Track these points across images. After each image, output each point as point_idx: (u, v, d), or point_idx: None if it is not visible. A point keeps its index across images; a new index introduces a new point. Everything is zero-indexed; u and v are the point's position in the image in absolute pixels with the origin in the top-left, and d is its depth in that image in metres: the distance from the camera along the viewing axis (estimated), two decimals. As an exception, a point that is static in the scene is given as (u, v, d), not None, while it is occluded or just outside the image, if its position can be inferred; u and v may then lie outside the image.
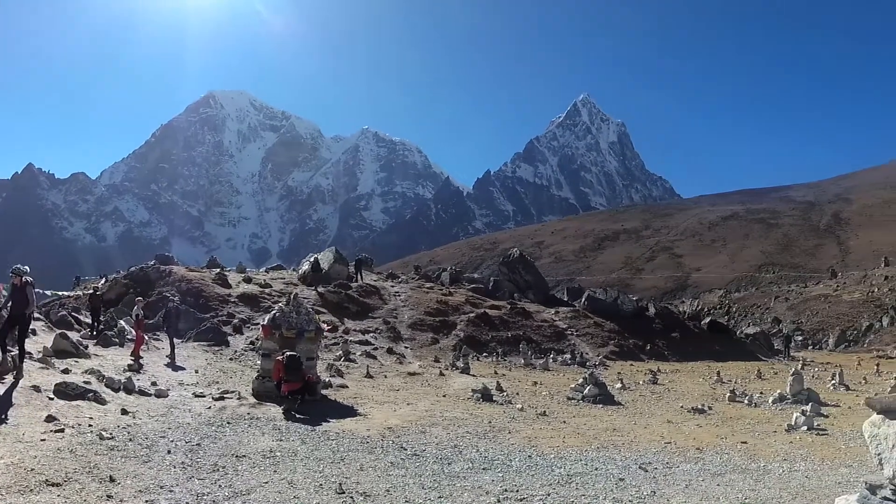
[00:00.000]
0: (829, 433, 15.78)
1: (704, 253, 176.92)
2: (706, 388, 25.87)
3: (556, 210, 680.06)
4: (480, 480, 10.19)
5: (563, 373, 29.23)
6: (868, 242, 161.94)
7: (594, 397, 19.76)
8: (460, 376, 24.83)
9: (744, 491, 10.13)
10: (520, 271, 51.87)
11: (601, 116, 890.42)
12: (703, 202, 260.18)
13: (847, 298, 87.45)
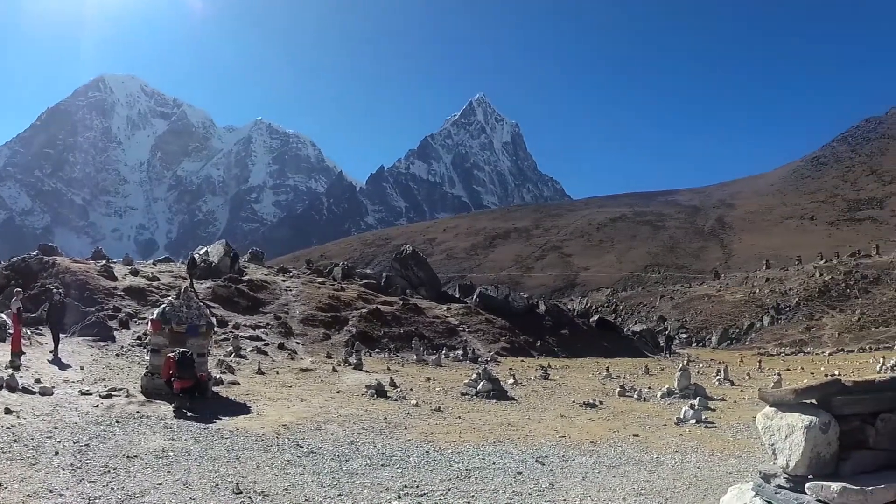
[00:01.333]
0: (717, 426, 16.38)
1: (593, 253, 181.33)
2: (596, 383, 26.49)
3: (449, 207, 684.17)
4: (380, 477, 10.13)
5: (456, 369, 29.43)
6: (750, 246, 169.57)
7: (488, 393, 19.96)
8: (353, 372, 24.66)
9: (639, 482, 10.39)
10: (412, 267, 51.90)
11: (496, 116, 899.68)
12: (592, 204, 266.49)
13: (729, 298, 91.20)
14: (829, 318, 78.53)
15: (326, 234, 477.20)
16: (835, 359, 49.60)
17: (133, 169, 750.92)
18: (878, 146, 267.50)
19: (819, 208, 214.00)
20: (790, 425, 6.08)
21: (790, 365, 42.13)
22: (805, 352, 60.99)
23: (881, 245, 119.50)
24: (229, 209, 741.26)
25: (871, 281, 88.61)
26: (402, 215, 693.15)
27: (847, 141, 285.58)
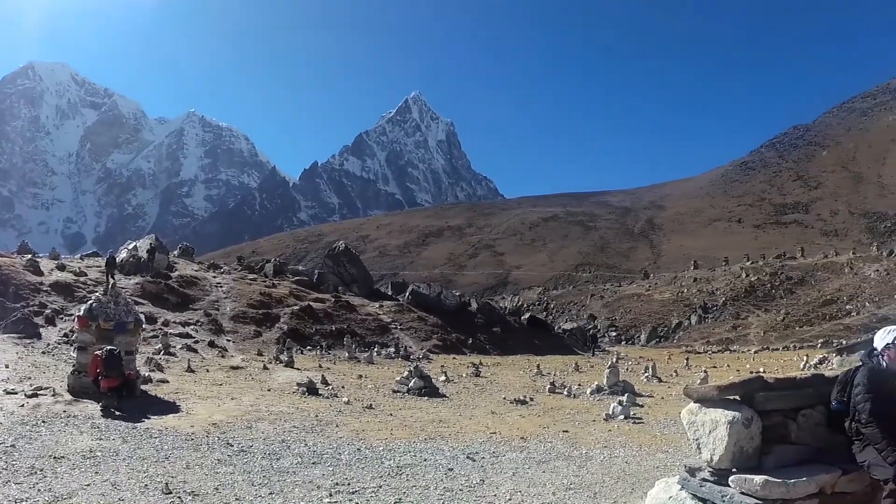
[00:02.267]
0: (645, 421, 16.62)
1: (525, 251, 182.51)
2: (527, 380, 26.71)
3: (383, 205, 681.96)
4: (311, 475, 10.02)
5: (388, 366, 29.37)
6: (679, 247, 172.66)
7: (419, 390, 19.97)
8: (284, 370, 24.39)
9: (568, 477, 10.47)
10: (345, 264, 51.65)
11: (431, 114, 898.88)
12: (525, 203, 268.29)
13: (658, 298, 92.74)
14: (754, 318, 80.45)
15: (259, 229, 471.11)
16: (760, 357, 50.78)
17: (61, 160, 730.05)
18: (805, 153, 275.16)
19: (746, 211, 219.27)
20: (714, 420, 6.22)
21: (717, 362, 42.99)
22: (731, 350, 62.35)
23: (806, 248, 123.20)
24: (159, 203, 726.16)
25: (796, 282, 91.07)
26: (335, 212, 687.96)
27: (775, 147, 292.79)
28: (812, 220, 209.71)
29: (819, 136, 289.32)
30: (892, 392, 6.15)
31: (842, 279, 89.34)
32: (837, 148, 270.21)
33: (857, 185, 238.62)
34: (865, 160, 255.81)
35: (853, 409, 6.19)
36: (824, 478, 6.05)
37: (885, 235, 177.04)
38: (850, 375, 6.36)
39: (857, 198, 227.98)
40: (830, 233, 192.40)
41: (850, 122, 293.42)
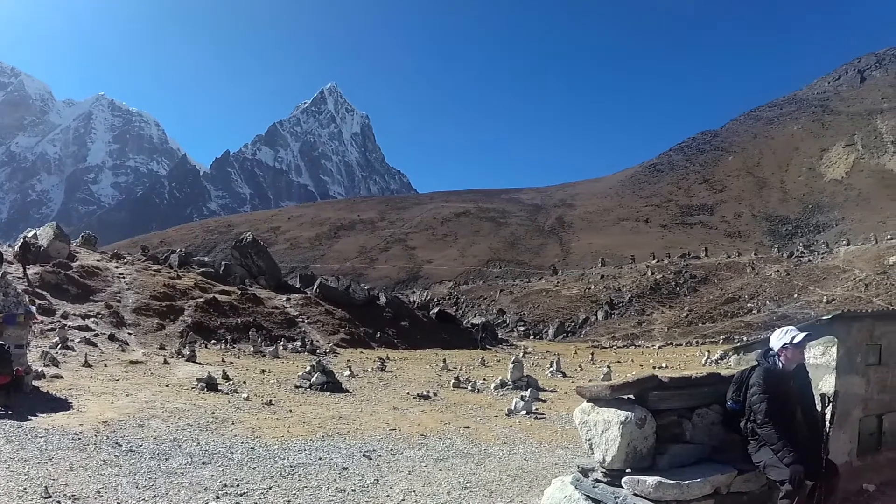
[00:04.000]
0: (547, 417, 16.64)
1: (437, 246, 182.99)
2: (433, 374, 26.55)
3: (295, 196, 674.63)
4: (199, 476, 9.58)
5: (293, 360, 28.76)
6: (587, 244, 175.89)
7: (322, 385, 19.55)
8: (186, 364, 23.59)
9: (465, 475, 10.30)
10: (252, 256, 50.52)
11: (346, 107, 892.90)
12: (437, 198, 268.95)
13: (566, 293, 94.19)
14: (659, 314, 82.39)
15: (167, 219, 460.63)
16: (664, 351, 51.91)
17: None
18: (712, 157, 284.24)
19: (654, 212, 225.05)
20: (606, 420, 6.12)
21: (621, 357, 43.77)
22: (636, 345, 63.67)
23: (710, 248, 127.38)
24: (65, 189, 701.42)
25: (700, 280, 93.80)
26: (246, 202, 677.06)
27: (683, 151, 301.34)
28: (716, 221, 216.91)
29: (726, 141, 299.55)
30: (787, 393, 6.17)
31: (744, 278, 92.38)
32: (743, 154, 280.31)
33: (760, 190, 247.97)
34: (769, 166, 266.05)
35: (749, 409, 6.23)
36: (719, 478, 6.05)
37: (786, 238, 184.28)
38: (746, 375, 6.41)
39: (761, 202, 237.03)
40: (734, 234, 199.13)
41: (756, 130, 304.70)
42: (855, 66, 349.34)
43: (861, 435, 7.84)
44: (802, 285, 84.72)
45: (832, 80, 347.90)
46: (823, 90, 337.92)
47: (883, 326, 8.20)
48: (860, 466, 7.82)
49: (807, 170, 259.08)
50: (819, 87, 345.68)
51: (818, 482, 5.79)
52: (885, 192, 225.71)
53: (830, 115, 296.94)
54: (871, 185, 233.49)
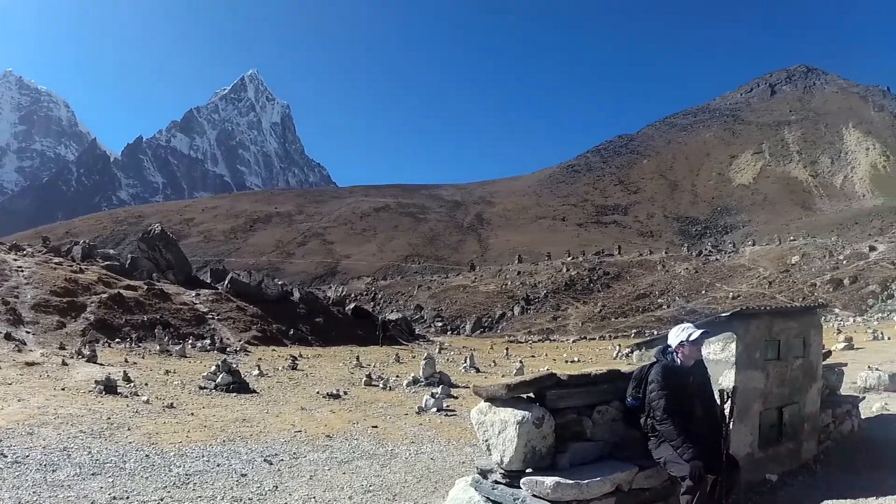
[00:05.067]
0: (458, 414, 16.48)
1: (355, 241, 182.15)
2: (345, 372, 26.19)
3: (210, 187, 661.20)
4: (87, 488, 9.02)
5: (201, 360, 27.98)
6: (505, 241, 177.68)
7: (227, 386, 18.93)
8: (86, 365, 22.51)
9: (369, 477, 10.04)
10: (160, 249, 49.16)
11: (267, 95, 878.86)
12: (357, 192, 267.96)
13: (484, 289, 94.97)
14: (573, 309, 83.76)
15: (75, 208, 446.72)
16: (578, 346, 52.70)
17: None
18: (627, 160, 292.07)
19: (570, 211, 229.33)
20: (503, 421, 5.99)
21: (536, 352, 44.17)
22: (551, 339, 64.58)
23: (623, 246, 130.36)
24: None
25: (613, 277, 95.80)
26: (158, 192, 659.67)
27: (600, 153, 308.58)
28: (630, 221, 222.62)
29: (641, 145, 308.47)
30: (686, 389, 6.17)
31: (655, 275, 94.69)
32: (657, 158, 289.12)
33: (672, 193, 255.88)
34: (682, 170, 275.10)
35: (648, 405, 6.22)
36: (620, 475, 6.01)
37: (696, 238, 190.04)
38: (645, 372, 6.40)
39: (672, 203, 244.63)
40: (646, 233, 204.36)
41: (671, 136, 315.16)
42: (766, 79, 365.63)
43: (762, 427, 7.96)
44: (710, 282, 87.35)
45: (744, 92, 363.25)
46: (736, 101, 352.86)
47: (781, 323, 8.34)
48: (762, 458, 7.96)
49: (717, 175, 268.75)
50: (732, 99, 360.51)
51: (719, 476, 5.80)
52: (789, 197, 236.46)
53: (741, 124, 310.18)
54: (777, 190, 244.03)
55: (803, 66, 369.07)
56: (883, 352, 25.28)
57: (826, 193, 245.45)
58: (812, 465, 8.77)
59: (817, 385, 9.12)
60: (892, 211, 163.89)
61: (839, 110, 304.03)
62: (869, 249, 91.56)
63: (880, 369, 16.05)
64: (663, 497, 6.31)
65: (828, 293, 74.89)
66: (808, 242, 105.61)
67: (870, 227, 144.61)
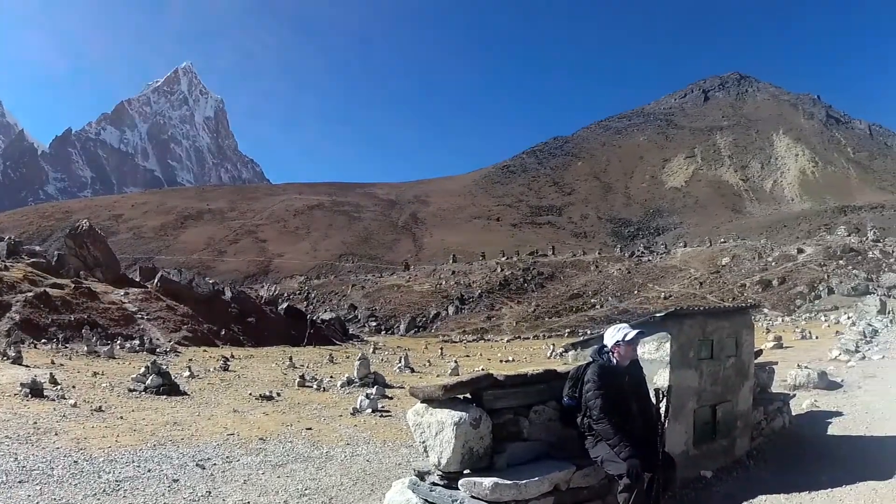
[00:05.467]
0: (393, 414, 16.37)
1: (288, 239, 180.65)
2: (278, 373, 25.83)
3: (140, 182, 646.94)
4: (14, 497, 8.67)
5: (131, 361, 27.27)
6: (440, 241, 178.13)
7: (158, 388, 18.46)
8: (10, 367, 21.68)
9: (305, 481, 9.89)
10: (88, 246, 47.82)
11: (201, 89, 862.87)
12: (291, 189, 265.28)
13: (418, 289, 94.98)
14: (508, 309, 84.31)
15: None
16: (512, 345, 52.98)
17: None
18: (562, 162, 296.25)
19: (505, 211, 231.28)
20: (440, 422, 5.95)
21: (471, 352, 44.28)
22: (486, 339, 64.87)
23: (557, 247, 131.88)
24: None
25: (547, 277, 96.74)
26: (87, 186, 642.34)
27: (535, 154, 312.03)
28: (564, 222, 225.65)
29: (576, 147, 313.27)
30: (622, 388, 6.23)
31: (588, 276, 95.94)
32: (591, 160, 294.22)
33: (606, 194, 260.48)
34: (615, 173, 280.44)
35: (585, 405, 6.27)
36: (558, 475, 6.04)
37: (628, 239, 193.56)
38: (581, 371, 6.45)
39: (606, 205, 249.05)
40: (580, 234, 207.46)
41: (605, 139, 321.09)
42: (700, 86, 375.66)
43: (696, 425, 8.09)
44: (642, 282, 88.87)
45: (678, 98, 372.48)
46: (670, 106, 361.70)
47: (714, 322, 8.48)
48: (697, 455, 8.08)
49: (650, 177, 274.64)
50: (666, 103, 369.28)
51: (655, 474, 5.86)
52: (720, 200, 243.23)
53: (674, 129, 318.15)
54: (708, 193, 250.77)
55: (737, 74, 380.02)
56: (811, 350, 25.94)
57: (756, 197, 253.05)
58: (745, 462, 8.96)
59: (749, 383, 9.31)
60: (819, 215, 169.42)
61: (770, 117, 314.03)
62: (797, 252, 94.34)
63: (809, 367, 16.47)
64: (601, 495, 6.37)
65: (757, 294, 76.94)
66: (738, 244, 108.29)
67: (798, 231, 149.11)
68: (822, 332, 38.36)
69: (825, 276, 79.46)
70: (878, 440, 10.37)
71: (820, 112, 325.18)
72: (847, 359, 20.59)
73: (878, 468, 8.41)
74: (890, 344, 23.71)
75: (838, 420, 12.08)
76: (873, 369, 18.07)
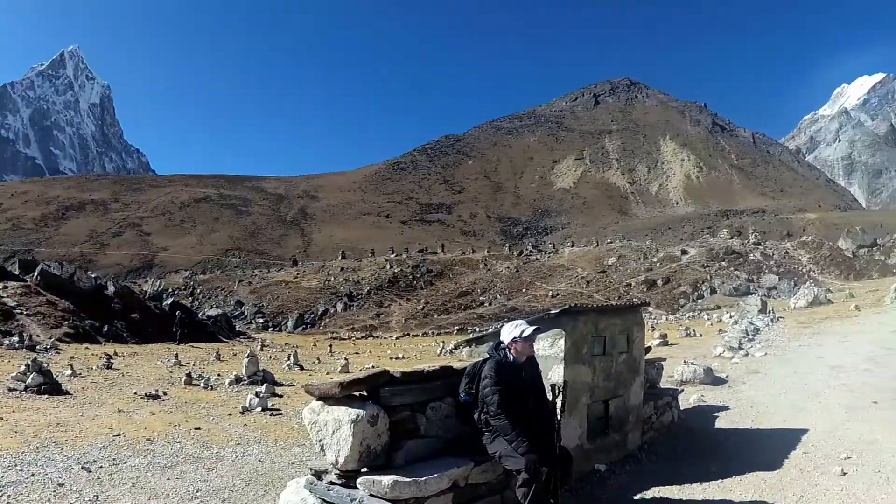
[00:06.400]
0: (283, 413, 16.15)
1: (174, 233, 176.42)
2: (164, 371, 25.11)
3: (20, 170, 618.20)
4: None
5: (9, 359, 25.99)
6: (329, 236, 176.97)
7: (38, 387, 17.68)
8: None
9: (196, 483, 9.63)
10: (-38, 238, 45.68)
11: (87, 74, 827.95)
12: (177, 181, 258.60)
13: (306, 285, 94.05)
14: (397, 306, 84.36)
15: None
16: (401, 342, 52.99)
17: None
18: (453, 160, 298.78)
19: (395, 208, 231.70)
20: (337, 420, 5.92)
21: (360, 349, 44.13)
22: (375, 336, 64.76)
23: (447, 244, 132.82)
24: None
25: (436, 274, 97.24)
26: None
27: (426, 152, 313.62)
28: (454, 220, 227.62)
29: (467, 146, 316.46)
30: (518, 384, 6.32)
31: (477, 273, 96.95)
32: (482, 159, 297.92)
33: (496, 194, 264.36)
34: (505, 172, 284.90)
35: (482, 401, 6.31)
36: (457, 471, 6.07)
37: (517, 238, 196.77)
38: (478, 368, 6.50)
39: (495, 204, 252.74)
40: (469, 232, 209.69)
41: (496, 138, 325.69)
42: (591, 90, 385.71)
43: (590, 420, 8.30)
44: (530, 281, 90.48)
45: (569, 101, 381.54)
46: (561, 109, 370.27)
47: (606, 320, 8.74)
48: (591, 449, 8.30)
49: (539, 178, 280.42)
50: (557, 106, 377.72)
51: (553, 468, 5.94)
52: (607, 202, 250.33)
53: (565, 131, 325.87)
54: (596, 195, 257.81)
55: (627, 80, 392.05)
56: (696, 347, 26.87)
57: (642, 200, 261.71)
58: (638, 455, 9.26)
59: (640, 379, 9.63)
60: (702, 218, 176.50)
61: (658, 122, 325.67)
62: (681, 253, 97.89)
63: (695, 364, 17.08)
64: (499, 490, 6.45)
65: (642, 293, 79.44)
66: (624, 245, 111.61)
67: (682, 233, 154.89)
68: (705, 330, 39.73)
69: (708, 276, 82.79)
70: (763, 432, 10.93)
71: (706, 120, 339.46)
72: (731, 355, 21.44)
73: (764, 459, 8.91)
74: (771, 341, 24.86)
75: (725, 414, 12.64)
76: (756, 365, 18.94)
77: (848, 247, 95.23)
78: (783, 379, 16.29)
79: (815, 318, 34.35)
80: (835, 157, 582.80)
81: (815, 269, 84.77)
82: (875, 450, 9.19)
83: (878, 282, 65.83)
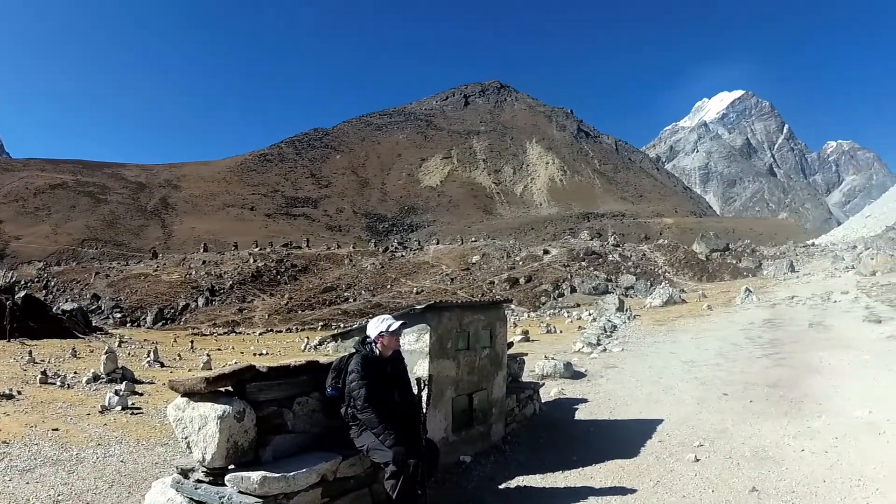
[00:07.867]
0: (144, 411, 15.66)
1: (27, 221, 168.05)
2: (17, 369, 23.88)
3: None
4: None
5: None
6: (191, 228, 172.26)
7: None
8: None
9: (56, 486, 9.26)
10: None
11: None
12: (32, 166, 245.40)
13: (166, 279, 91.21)
14: (260, 301, 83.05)
15: None
16: (265, 338, 52.22)
17: None
18: (321, 154, 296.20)
19: (260, 200, 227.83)
20: (203, 416, 5.87)
21: (222, 345, 43.22)
22: (237, 332, 63.55)
23: (312, 239, 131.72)
24: None
25: (300, 269, 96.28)
26: None
27: (294, 144, 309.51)
28: (319, 214, 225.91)
29: (336, 140, 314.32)
30: (385, 378, 6.44)
31: (342, 269, 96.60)
32: (350, 154, 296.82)
33: (363, 189, 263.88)
34: (373, 168, 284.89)
35: (349, 395, 6.38)
36: (325, 465, 6.10)
37: (383, 234, 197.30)
38: (344, 362, 6.56)
39: (362, 200, 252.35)
40: (335, 228, 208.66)
41: (365, 134, 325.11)
42: (462, 90, 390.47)
43: (455, 413, 8.49)
44: (395, 277, 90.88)
45: (440, 100, 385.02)
46: (431, 107, 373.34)
47: (470, 315, 8.98)
48: (456, 441, 8.51)
49: (406, 175, 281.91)
50: (427, 105, 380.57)
51: (420, 460, 6.05)
52: (472, 201, 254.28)
53: (434, 130, 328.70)
54: (462, 194, 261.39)
55: (497, 82, 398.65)
56: (557, 343, 27.66)
57: (507, 200, 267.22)
58: (502, 446, 9.54)
59: (503, 373, 9.91)
60: (565, 219, 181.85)
61: (525, 126, 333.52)
62: (543, 253, 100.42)
63: (556, 359, 17.65)
64: (368, 483, 6.52)
65: (505, 290, 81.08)
66: (489, 244, 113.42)
67: (544, 233, 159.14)
68: (565, 327, 40.84)
69: (569, 275, 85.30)
70: (621, 423, 11.55)
71: (572, 125, 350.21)
72: (590, 351, 22.24)
73: (622, 448, 9.45)
74: (628, 338, 25.96)
75: (584, 406, 13.20)
76: (614, 360, 19.77)
77: (702, 250, 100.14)
78: (639, 373, 17.11)
79: (669, 317, 36.06)
80: (692, 167, 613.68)
81: (671, 271, 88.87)
82: (726, 438, 9.89)
83: (729, 283, 69.98)
